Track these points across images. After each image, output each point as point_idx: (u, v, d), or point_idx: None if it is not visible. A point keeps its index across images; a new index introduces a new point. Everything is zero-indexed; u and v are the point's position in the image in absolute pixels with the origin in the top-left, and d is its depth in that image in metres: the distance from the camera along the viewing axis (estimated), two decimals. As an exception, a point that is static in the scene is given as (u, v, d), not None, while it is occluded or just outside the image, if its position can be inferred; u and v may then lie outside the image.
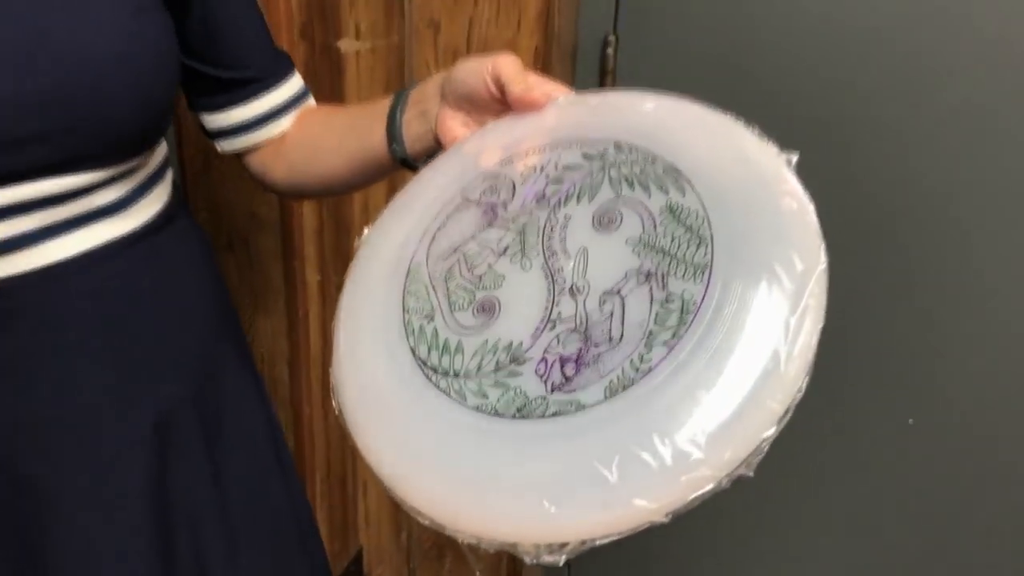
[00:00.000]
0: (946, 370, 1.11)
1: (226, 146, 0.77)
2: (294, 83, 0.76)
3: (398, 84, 1.11)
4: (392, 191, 0.67)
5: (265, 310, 1.15)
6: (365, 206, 1.14)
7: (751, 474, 0.40)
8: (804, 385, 0.41)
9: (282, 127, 0.76)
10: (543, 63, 1.17)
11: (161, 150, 0.69)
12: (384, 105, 0.67)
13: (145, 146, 0.64)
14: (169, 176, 0.71)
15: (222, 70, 0.71)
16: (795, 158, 0.47)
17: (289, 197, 0.88)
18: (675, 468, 0.39)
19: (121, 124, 0.59)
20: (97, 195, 0.61)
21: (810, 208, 0.45)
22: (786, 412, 0.41)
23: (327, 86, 1.07)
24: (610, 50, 1.17)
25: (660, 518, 0.40)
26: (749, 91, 1.12)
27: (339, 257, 1.13)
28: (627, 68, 1.19)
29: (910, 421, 1.14)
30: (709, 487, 0.39)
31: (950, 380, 1.10)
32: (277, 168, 0.76)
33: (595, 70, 1.19)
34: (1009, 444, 1.11)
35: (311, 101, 0.78)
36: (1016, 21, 0.97)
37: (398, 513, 1.34)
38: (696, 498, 0.39)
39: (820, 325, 0.42)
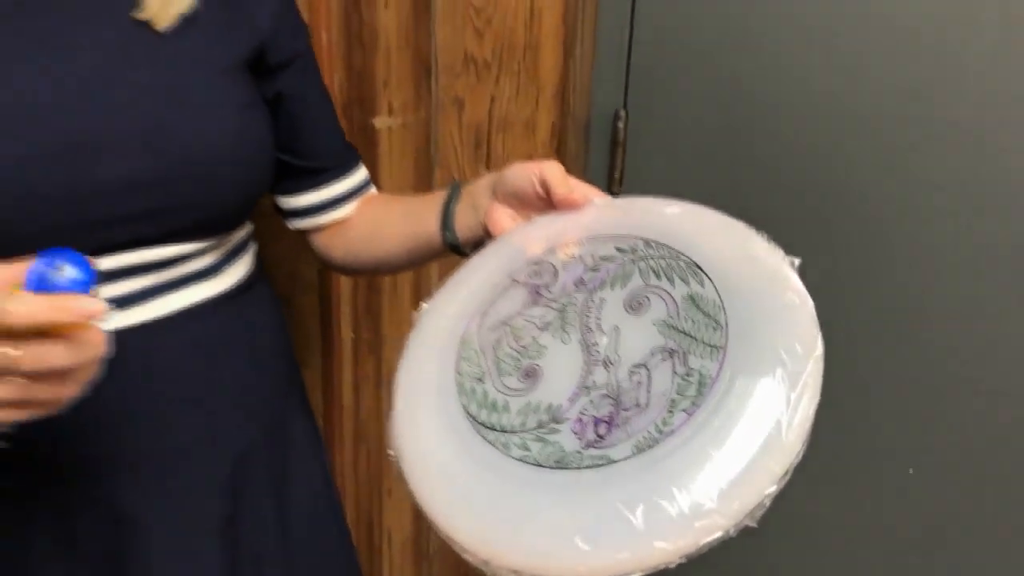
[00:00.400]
0: (946, 419, 1.13)
1: (295, 224, 0.86)
2: (360, 174, 0.86)
3: (425, 156, 1.19)
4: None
5: (303, 364, 1.22)
6: (391, 291, 1.23)
7: (755, 525, 0.47)
8: (803, 450, 0.48)
9: (345, 212, 0.85)
10: (559, 137, 1.24)
11: (247, 224, 0.77)
12: (439, 196, 0.76)
13: (238, 223, 0.73)
14: (252, 247, 0.79)
15: (301, 160, 0.80)
16: (797, 261, 0.56)
17: (344, 273, 0.95)
18: (690, 516, 0.46)
19: (223, 205, 0.68)
20: (195, 261, 0.69)
21: (809, 303, 0.53)
22: (786, 473, 0.48)
23: (363, 159, 1.16)
24: (620, 124, 1.24)
25: (676, 559, 0.46)
26: (746, 162, 1.19)
27: (370, 317, 1.20)
28: (636, 140, 1.26)
29: (910, 471, 1.16)
30: (719, 534, 0.46)
31: (950, 429, 1.13)
32: (337, 247, 0.85)
33: (607, 142, 1.26)
34: (1010, 493, 1.13)
35: (372, 190, 0.88)
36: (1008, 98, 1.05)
37: (421, 562, 1.39)
38: (707, 543, 0.46)
39: (816, 400, 0.49)
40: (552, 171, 0.65)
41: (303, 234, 0.88)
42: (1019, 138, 1.04)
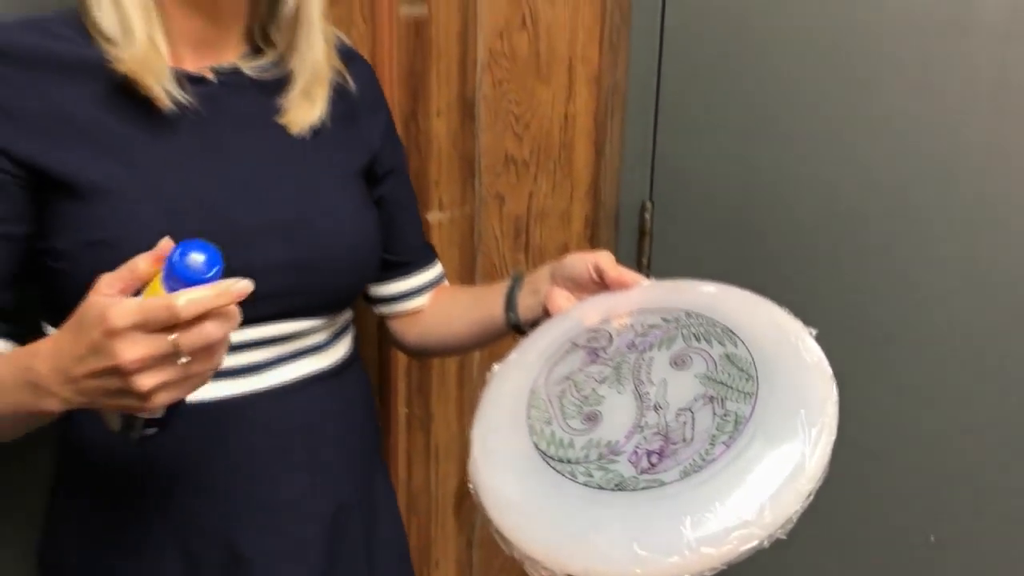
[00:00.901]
0: (967, 487, 1.18)
1: (380, 310, 0.98)
2: (437, 268, 0.99)
3: (470, 246, 1.30)
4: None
5: (360, 439, 1.31)
6: (445, 392, 1.33)
7: (785, 537, 0.56)
8: (823, 477, 0.58)
9: (422, 301, 0.97)
10: (592, 227, 1.35)
11: (349, 310, 0.89)
12: (503, 285, 0.88)
13: (347, 305, 0.86)
14: (352, 330, 0.91)
15: (392, 255, 0.93)
16: (815, 331, 0.66)
17: (415, 356, 1.06)
18: (730, 527, 0.55)
19: (339, 288, 0.81)
20: (311, 337, 0.81)
21: (824, 361, 0.64)
22: (809, 495, 0.57)
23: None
24: (647, 214, 1.36)
25: (719, 565, 0.55)
26: (760, 247, 1.29)
27: (421, 394, 1.29)
28: (661, 229, 1.37)
29: (932, 538, 1.21)
30: (755, 543, 0.55)
31: (972, 497, 1.18)
32: (411, 332, 0.98)
33: (635, 231, 1.38)
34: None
35: (445, 282, 1.01)
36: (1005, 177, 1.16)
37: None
38: (745, 551, 0.55)
39: (833, 437, 0.59)
40: (605, 258, 0.78)
41: (383, 319, 1.00)
42: (1013, 225, 1.15)
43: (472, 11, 1.21)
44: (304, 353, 0.82)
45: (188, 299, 0.54)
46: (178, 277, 0.55)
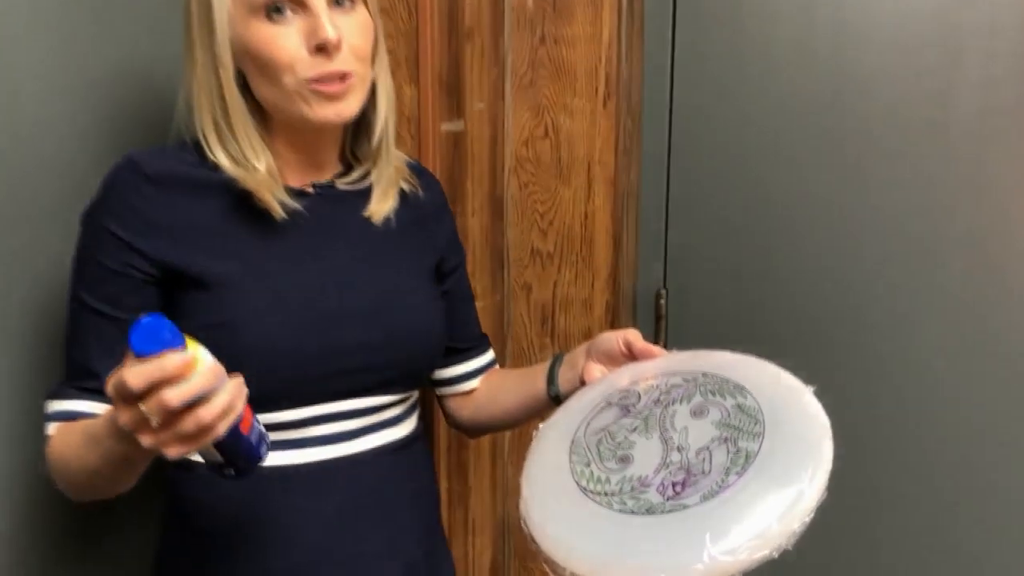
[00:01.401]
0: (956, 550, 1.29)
1: (440, 390, 1.10)
2: (490, 354, 1.13)
3: (500, 332, 1.41)
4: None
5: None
6: (480, 468, 1.44)
7: (791, 548, 0.66)
8: (820, 502, 0.68)
9: (476, 383, 1.10)
10: (612, 313, 1.46)
11: (417, 391, 1.01)
12: (544, 364, 1.01)
13: (418, 385, 0.99)
14: (418, 409, 1.03)
15: (453, 341, 1.05)
16: (813, 388, 0.78)
17: (466, 432, 1.18)
18: (744, 540, 0.65)
19: (413, 369, 0.95)
20: (389, 411, 0.94)
21: (821, 411, 0.75)
22: (810, 514, 0.68)
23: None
24: (662, 301, 1.47)
25: (735, 572, 0.65)
26: (768, 327, 1.41)
27: (460, 471, 1.40)
28: (675, 314, 1.47)
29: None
30: (766, 552, 0.65)
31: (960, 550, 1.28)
32: (465, 410, 1.10)
33: (651, 316, 1.48)
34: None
35: (497, 366, 1.13)
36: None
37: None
38: (758, 559, 0.65)
39: (828, 470, 0.70)
40: (633, 334, 0.92)
41: (440, 399, 1.12)
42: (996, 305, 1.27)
43: (501, 124, 1.36)
44: (381, 426, 0.94)
45: (133, 371, 0.62)
46: (135, 354, 0.62)
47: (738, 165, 1.39)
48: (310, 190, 0.94)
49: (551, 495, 0.77)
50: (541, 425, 0.87)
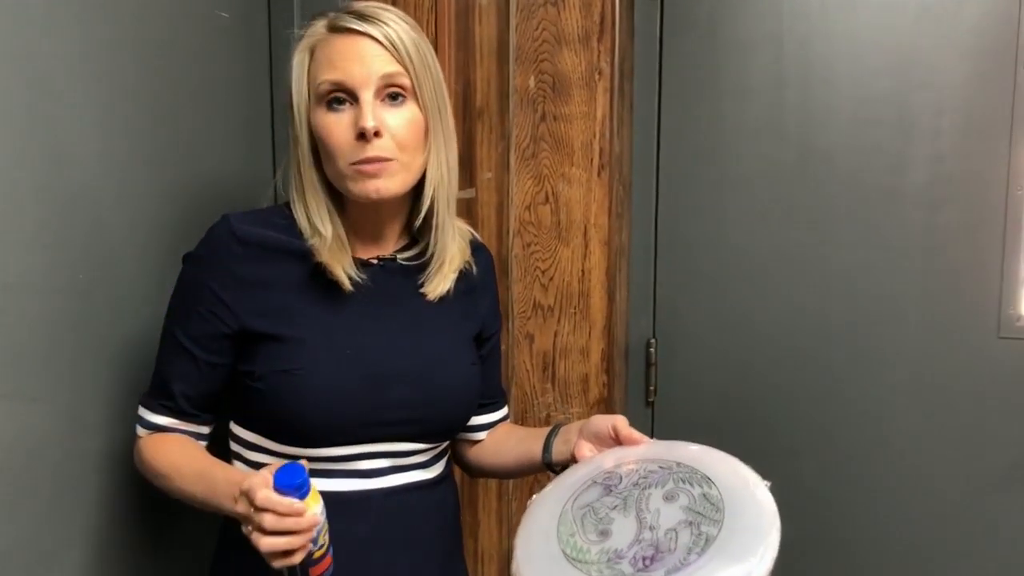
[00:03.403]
0: None
1: (460, 435, 1.19)
2: (504, 410, 1.24)
3: (505, 379, 1.50)
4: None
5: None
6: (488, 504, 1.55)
7: None
8: None
9: (485, 435, 1.21)
10: (607, 360, 1.58)
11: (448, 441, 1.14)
12: (543, 431, 1.13)
13: (451, 437, 1.12)
14: (448, 454, 1.16)
15: (480, 397, 1.16)
16: (768, 484, 0.89)
17: (468, 473, 1.29)
18: None
19: (449, 424, 1.08)
20: (420, 456, 1.07)
21: (772, 501, 0.86)
22: None
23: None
24: (652, 349, 1.61)
25: None
26: (747, 371, 1.55)
27: (471, 505, 1.51)
28: (664, 361, 1.62)
29: None
30: None
31: None
32: (469, 455, 1.22)
33: (643, 363, 1.62)
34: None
35: (508, 420, 1.25)
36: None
37: None
38: None
39: (775, 554, 0.82)
40: (621, 421, 1.03)
41: (455, 443, 1.22)
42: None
43: (506, 191, 1.51)
44: (413, 467, 1.07)
45: (263, 494, 0.84)
46: (276, 486, 0.85)
47: (718, 227, 1.54)
48: (374, 262, 1.06)
49: (540, 559, 0.88)
50: (535, 496, 0.99)
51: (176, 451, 1.02)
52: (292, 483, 0.85)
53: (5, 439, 0.95)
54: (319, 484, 0.99)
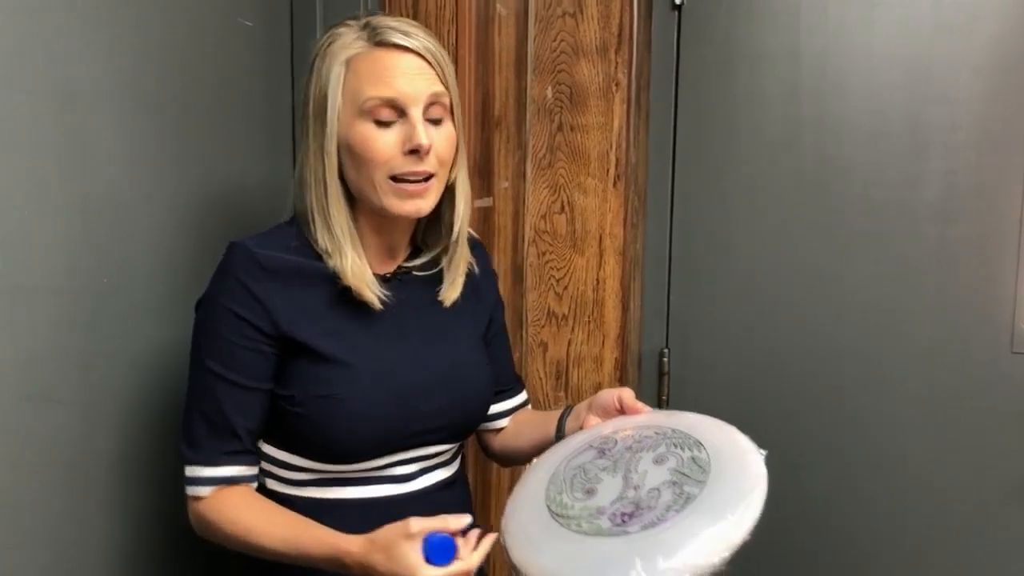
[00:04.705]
0: None
1: (482, 425, 1.22)
2: (523, 395, 1.27)
3: None
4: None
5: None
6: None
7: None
8: (744, 542, 0.81)
9: (506, 422, 1.24)
10: (621, 369, 1.60)
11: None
12: (556, 413, 1.15)
13: (470, 435, 1.14)
14: (461, 451, 1.18)
15: (496, 384, 1.19)
16: (765, 452, 0.90)
17: (499, 462, 1.32)
18: (666, 567, 0.78)
19: (471, 423, 1.11)
20: (444, 455, 1.10)
21: (761, 466, 0.87)
22: (737, 546, 0.80)
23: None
24: (665, 359, 1.62)
25: None
26: (758, 382, 1.56)
27: (483, 512, 1.52)
28: (676, 370, 1.63)
29: None
30: (711, 565, 0.78)
31: None
32: (494, 442, 1.25)
33: (655, 372, 1.63)
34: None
35: (528, 407, 1.27)
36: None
37: None
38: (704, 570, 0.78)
39: (756, 515, 0.82)
40: (627, 393, 1.07)
41: (477, 433, 1.24)
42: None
43: (522, 200, 1.53)
44: (438, 467, 1.11)
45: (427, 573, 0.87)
46: (427, 558, 0.87)
47: (732, 238, 1.56)
48: (392, 276, 1.09)
49: (524, 512, 0.91)
50: (535, 459, 1.03)
51: (248, 511, 1.00)
52: (445, 560, 0.86)
53: (29, 439, 0.96)
54: (352, 492, 1.04)
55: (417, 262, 1.12)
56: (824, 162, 1.49)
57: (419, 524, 0.88)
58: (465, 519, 0.91)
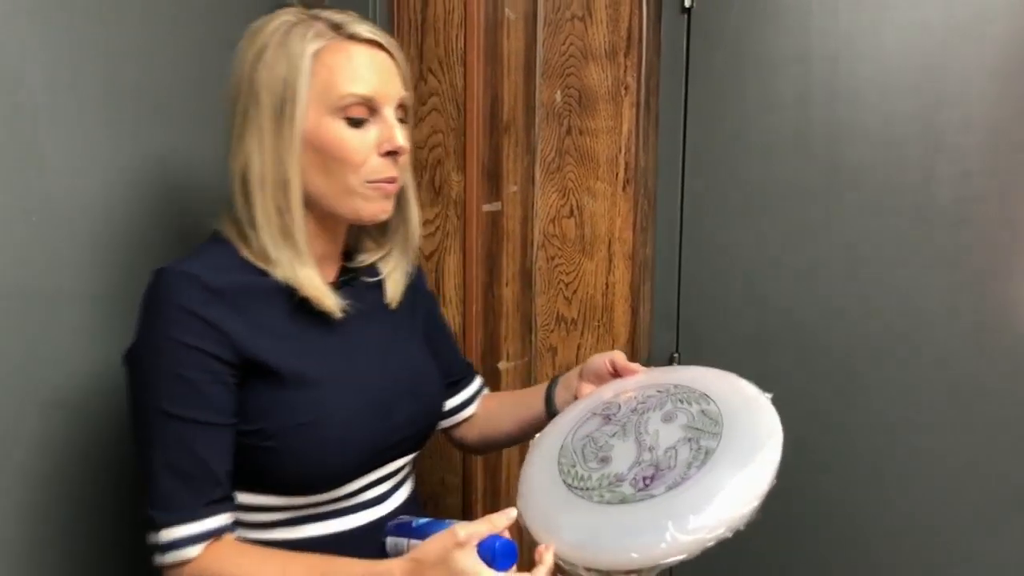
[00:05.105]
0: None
1: (443, 424, 1.18)
2: (479, 380, 1.23)
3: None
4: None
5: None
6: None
7: (743, 529, 0.78)
8: (768, 491, 0.80)
9: (474, 409, 1.20)
10: None
11: None
12: (540, 388, 1.13)
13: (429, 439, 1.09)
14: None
15: (444, 376, 1.15)
16: (771, 395, 0.89)
17: (475, 452, 1.28)
18: (702, 522, 0.77)
19: (434, 426, 1.07)
20: (406, 468, 1.05)
21: (772, 410, 0.86)
22: (758, 501, 0.79)
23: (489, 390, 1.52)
24: (675, 363, 1.60)
25: (695, 549, 0.76)
26: (766, 386, 1.55)
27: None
28: None
29: None
30: (721, 531, 0.77)
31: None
32: (471, 435, 1.20)
33: (665, 377, 1.64)
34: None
35: (487, 390, 1.24)
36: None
37: None
38: (714, 538, 0.77)
39: (776, 461, 0.81)
40: (618, 354, 1.04)
41: (445, 432, 1.20)
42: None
43: (531, 204, 1.52)
44: (403, 482, 1.06)
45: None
46: (493, 564, 0.80)
47: (742, 243, 1.55)
48: (338, 283, 1.01)
49: (541, 492, 0.89)
50: (537, 436, 1.00)
51: (253, 560, 0.89)
52: (510, 563, 0.81)
53: (43, 445, 0.96)
54: (326, 527, 0.97)
55: (360, 266, 1.06)
56: (836, 166, 1.48)
57: (466, 529, 0.80)
58: (512, 513, 0.83)
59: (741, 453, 0.82)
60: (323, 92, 0.92)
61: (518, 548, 0.82)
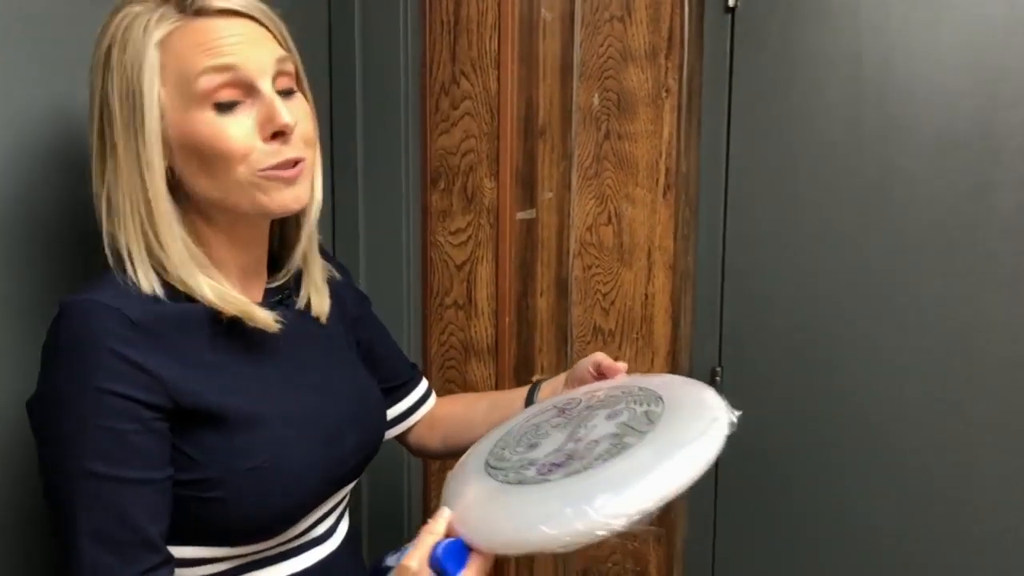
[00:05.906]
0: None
1: (391, 432, 1.10)
2: (425, 383, 1.15)
3: None
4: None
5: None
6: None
7: (621, 530, 0.73)
8: (670, 497, 0.74)
9: (419, 416, 1.13)
10: None
11: None
12: (522, 390, 1.08)
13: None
14: None
15: (387, 381, 1.08)
16: (739, 413, 0.82)
17: (438, 458, 1.23)
18: (599, 509, 0.72)
19: (378, 448, 0.99)
20: (346, 496, 0.97)
21: (719, 428, 0.79)
22: (662, 500, 0.74)
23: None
24: (718, 378, 1.54)
25: (573, 540, 0.72)
26: (815, 403, 1.48)
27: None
28: (729, 390, 1.53)
29: None
30: (621, 520, 0.72)
31: None
32: (432, 439, 1.13)
33: (707, 392, 1.58)
34: None
35: (433, 397, 1.15)
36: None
37: None
38: (613, 525, 0.72)
39: (688, 477, 0.74)
40: (601, 356, 1.00)
41: (400, 440, 1.13)
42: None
43: (567, 211, 1.48)
44: (344, 511, 0.97)
45: None
46: (443, 570, 0.77)
47: (788, 251, 1.48)
48: (267, 301, 0.90)
49: (465, 466, 0.88)
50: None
51: None
52: (462, 564, 0.78)
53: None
54: (279, 571, 0.88)
55: (283, 281, 0.93)
56: (888, 171, 1.41)
57: (415, 556, 0.76)
58: (445, 511, 0.79)
59: (654, 454, 0.77)
60: (179, 82, 0.78)
61: (466, 546, 0.78)
